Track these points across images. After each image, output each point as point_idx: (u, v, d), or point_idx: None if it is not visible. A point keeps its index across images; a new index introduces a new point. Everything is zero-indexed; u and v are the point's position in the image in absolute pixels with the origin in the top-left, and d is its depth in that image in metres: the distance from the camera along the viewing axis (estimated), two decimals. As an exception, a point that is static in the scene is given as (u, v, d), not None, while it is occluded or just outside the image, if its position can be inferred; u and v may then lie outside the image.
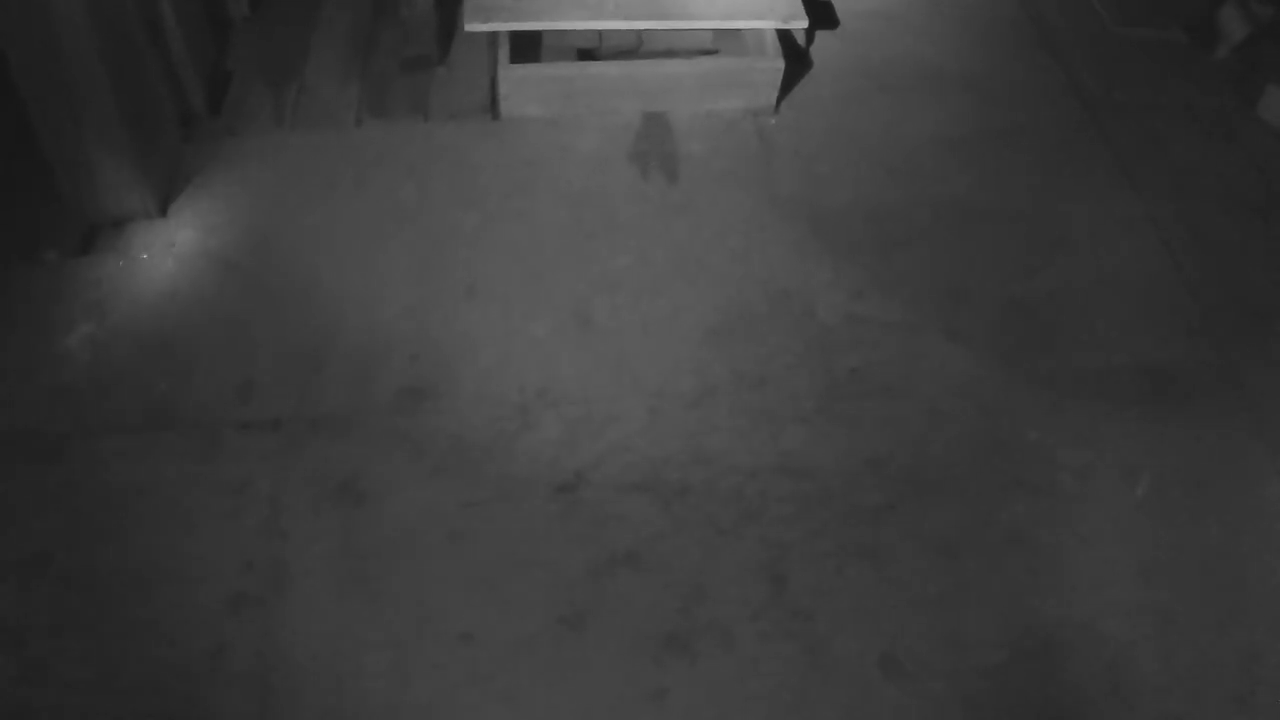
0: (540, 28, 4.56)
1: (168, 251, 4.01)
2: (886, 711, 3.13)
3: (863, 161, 4.67)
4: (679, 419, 3.69)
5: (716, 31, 4.78)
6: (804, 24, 4.65)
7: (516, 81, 4.56)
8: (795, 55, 4.90)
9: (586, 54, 4.74)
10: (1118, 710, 3.21)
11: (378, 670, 3.07)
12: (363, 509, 3.38)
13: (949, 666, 3.23)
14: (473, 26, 4.45)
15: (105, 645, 3.07)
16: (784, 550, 3.41)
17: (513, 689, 3.07)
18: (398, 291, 3.96)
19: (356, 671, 3.06)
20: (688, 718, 3.07)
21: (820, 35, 5.13)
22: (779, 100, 4.81)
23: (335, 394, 3.65)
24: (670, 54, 4.73)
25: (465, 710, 3.04)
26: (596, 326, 3.94)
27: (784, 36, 4.80)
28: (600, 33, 4.66)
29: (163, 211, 4.11)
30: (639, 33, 4.70)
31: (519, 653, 3.14)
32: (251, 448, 3.51)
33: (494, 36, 4.59)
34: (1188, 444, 3.82)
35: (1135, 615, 3.39)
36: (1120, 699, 3.23)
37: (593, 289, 4.05)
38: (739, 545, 3.41)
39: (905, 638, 3.27)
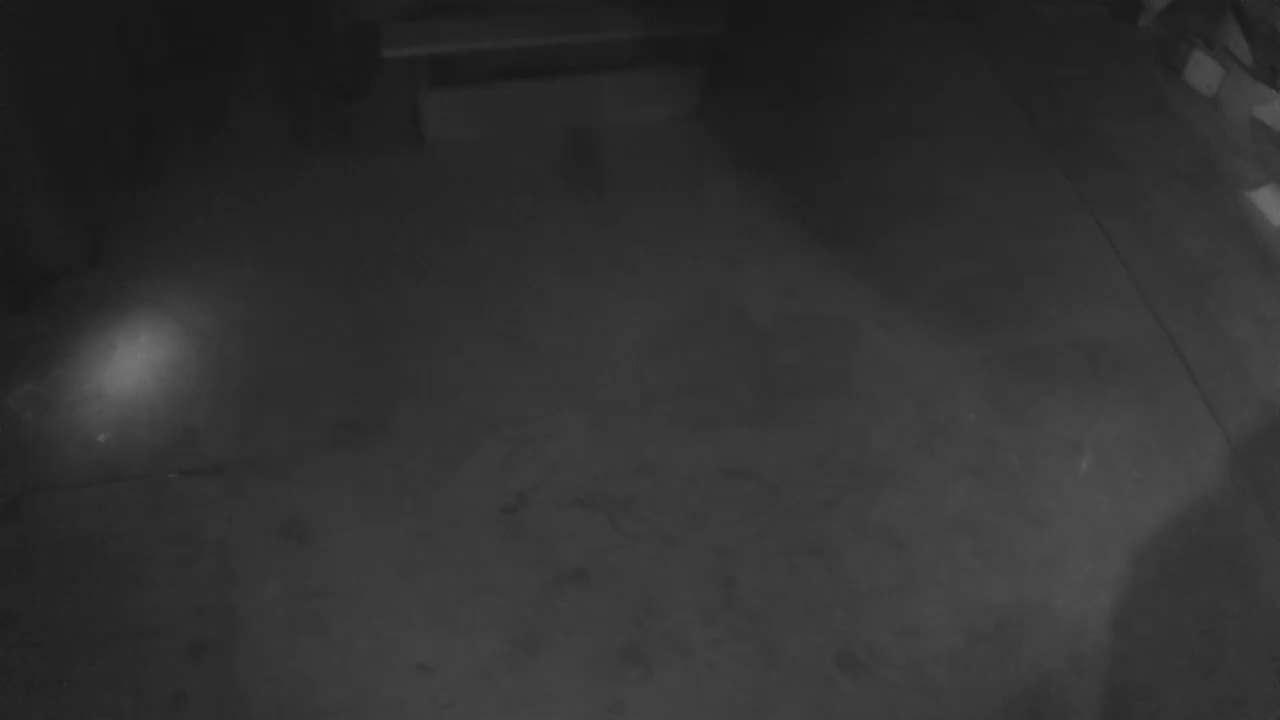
0: (458, 49, 4.56)
1: (102, 301, 3.97)
2: (846, 706, 3.15)
3: (787, 161, 4.69)
4: (619, 431, 3.70)
5: (638, 41, 4.78)
6: (721, 29, 4.67)
7: (439, 105, 4.56)
8: (717, 61, 4.90)
9: (508, 72, 4.73)
10: (1080, 683, 3.25)
11: (337, 708, 3.06)
12: (310, 547, 3.36)
13: (906, 656, 3.25)
14: (391, 52, 4.44)
15: (71, 699, 3.04)
16: (732, 554, 3.42)
17: (472, 717, 3.07)
18: (331, 325, 3.94)
19: (316, 710, 3.05)
20: (648, 729, 3.10)
21: (739, 40, 5.13)
22: (702, 106, 4.83)
23: (275, 434, 3.63)
24: (592, 67, 4.73)
25: (425, 742, 3.05)
26: (531, 345, 3.94)
27: (705, 43, 4.81)
28: (520, 50, 4.65)
29: (94, 262, 4.08)
30: (559, 47, 4.70)
31: (476, 680, 3.13)
32: (196, 495, 3.48)
33: (415, 61, 4.58)
34: (1129, 415, 3.87)
35: (1090, 589, 3.43)
36: (1081, 672, 3.27)
37: (525, 307, 4.05)
38: (687, 552, 3.42)
39: (860, 631, 3.28)
